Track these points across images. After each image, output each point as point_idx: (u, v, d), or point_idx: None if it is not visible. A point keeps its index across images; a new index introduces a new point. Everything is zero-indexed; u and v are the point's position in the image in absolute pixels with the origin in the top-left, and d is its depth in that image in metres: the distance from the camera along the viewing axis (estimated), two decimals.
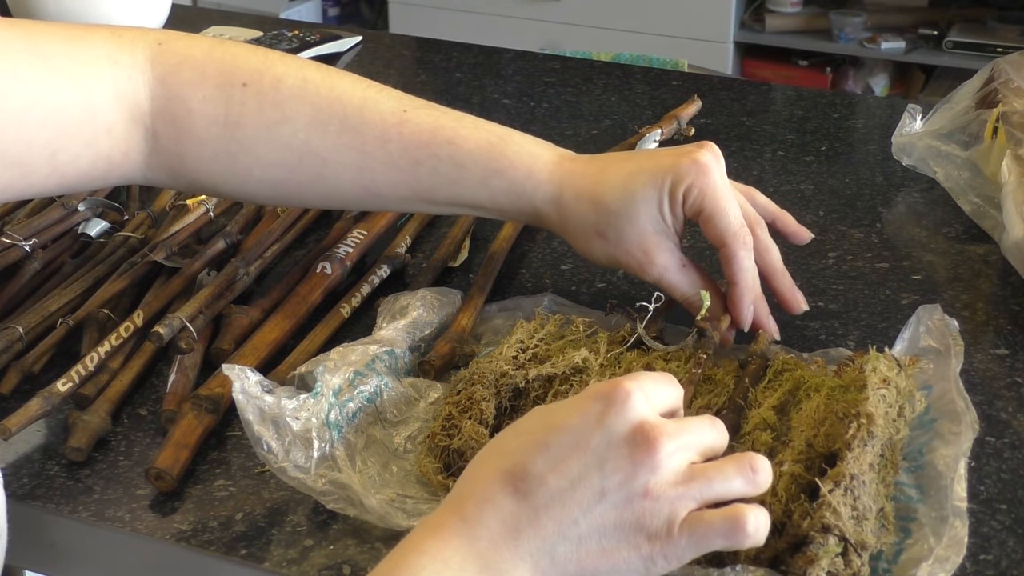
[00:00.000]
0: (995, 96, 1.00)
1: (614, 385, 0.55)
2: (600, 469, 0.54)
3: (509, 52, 1.42)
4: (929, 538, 0.60)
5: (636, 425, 0.54)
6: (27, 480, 0.70)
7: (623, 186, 0.75)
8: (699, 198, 0.74)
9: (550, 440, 0.55)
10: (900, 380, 0.68)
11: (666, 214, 0.75)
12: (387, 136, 0.76)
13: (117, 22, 1.29)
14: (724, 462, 0.56)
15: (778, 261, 0.79)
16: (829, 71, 2.87)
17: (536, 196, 0.77)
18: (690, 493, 0.55)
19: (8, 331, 0.78)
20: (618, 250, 0.76)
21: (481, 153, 0.77)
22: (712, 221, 0.74)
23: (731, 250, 0.75)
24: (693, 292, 0.76)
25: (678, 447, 0.55)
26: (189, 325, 0.77)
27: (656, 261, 0.76)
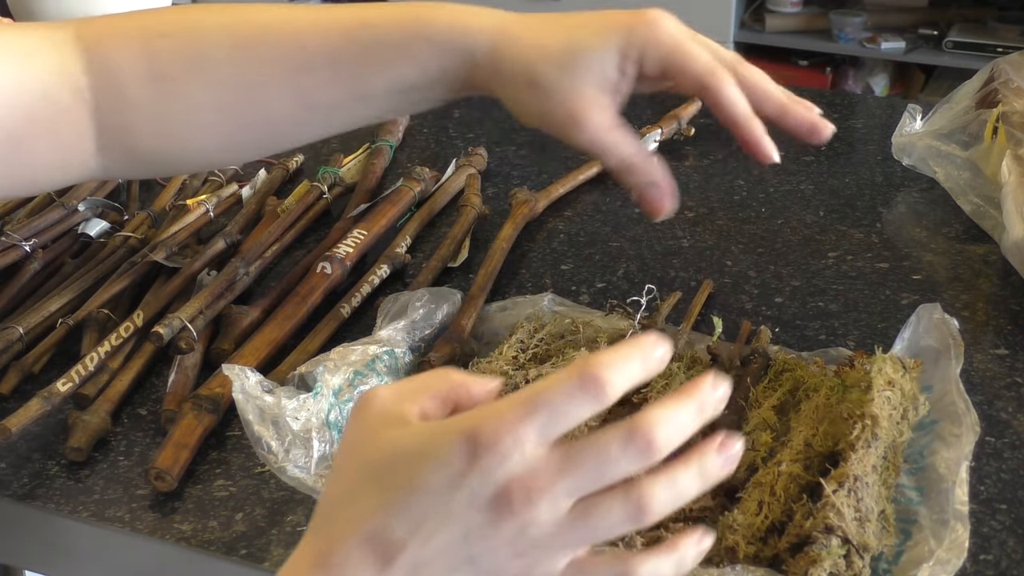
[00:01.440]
0: (995, 96, 1.00)
1: (478, 435, 0.47)
2: (465, 538, 0.48)
3: None
4: (930, 540, 0.60)
5: (502, 487, 0.47)
6: (27, 480, 0.70)
7: (567, 35, 0.69)
8: (660, 51, 0.68)
9: (411, 502, 0.48)
10: (905, 383, 0.68)
11: (610, 70, 0.68)
12: (305, 42, 0.73)
13: None
14: (611, 501, 0.49)
15: (766, 87, 0.70)
16: (829, 71, 2.87)
17: (467, 46, 0.71)
18: (569, 542, 0.49)
19: (8, 331, 0.78)
20: (550, 101, 0.69)
21: (406, 22, 0.72)
22: (683, 69, 0.68)
23: (714, 89, 0.68)
24: (630, 151, 0.69)
25: (554, 496, 0.48)
26: (189, 325, 0.77)
27: (590, 118, 0.68)
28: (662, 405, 0.50)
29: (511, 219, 0.94)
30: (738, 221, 0.99)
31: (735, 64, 0.70)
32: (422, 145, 1.15)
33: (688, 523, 0.63)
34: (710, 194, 1.05)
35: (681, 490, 0.49)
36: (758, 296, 0.88)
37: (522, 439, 0.48)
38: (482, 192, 1.01)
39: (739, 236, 0.97)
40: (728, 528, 0.61)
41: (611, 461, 0.48)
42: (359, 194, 0.99)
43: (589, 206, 1.03)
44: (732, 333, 0.80)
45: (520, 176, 1.08)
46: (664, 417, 0.49)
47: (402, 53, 0.72)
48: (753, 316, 0.84)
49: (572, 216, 1.01)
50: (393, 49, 0.72)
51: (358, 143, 1.12)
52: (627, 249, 0.95)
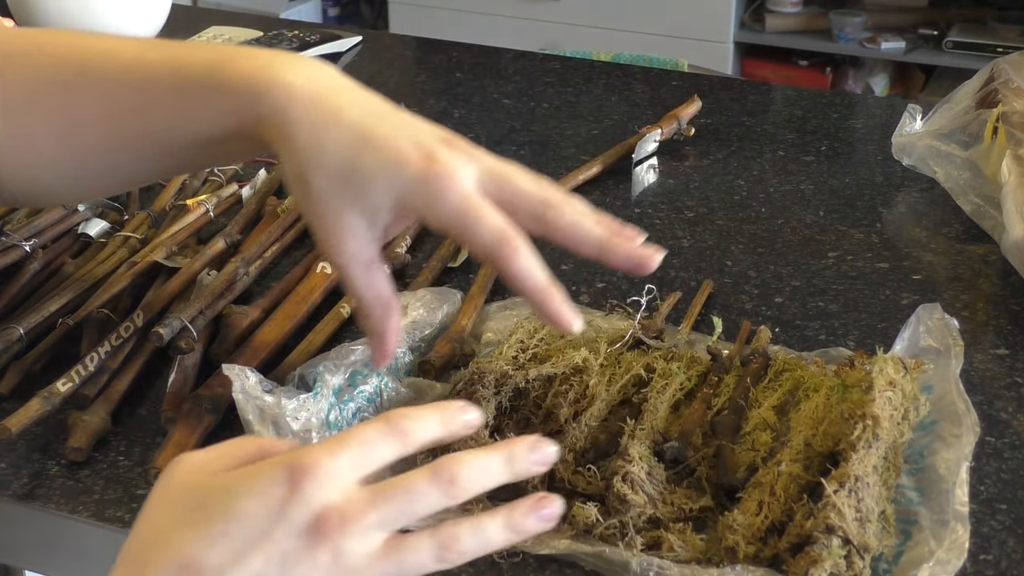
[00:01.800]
0: (995, 96, 1.00)
1: (298, 465, 0.50)
2: (282, 563, 0.49)
3: (509, 52, 1.42)
4: (930, 541, 0.60)
5: (318, 513, 0.50)
6: (27, 480, 0.70)
7: (352, 149, 0.62)
8: (444, 215, 0.61)
9: (230, 530, 0.49)
10: (906, 383, 0.68)
11: (383, 211, 0.63)
12: (123, 80, 0.69)
13: (116, 21, 1.29)
14: (419, 537, 0.52)
15: (579, 229, 0.64)
16: (829, 71, 2.87)
17: (260, 108, 0.65)
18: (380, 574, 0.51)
19: (8, 331, 0.78)
20: (312, 210, 0.64)
21: (207, 72, 0.67)
22: (467, 238, 0.62)
23: (502, 261, 0.61)
24: (370, 296, 0.65)
25: (366, 527, 0.51)
26: (189, 325, 0.77)
27: (345, 246, 0.63)
28: (472, 452, 0.54)
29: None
30: (738, 221, 0.99)
31: (543, 209, 0.63)
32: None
33: (688, 523, 0.63)
34: (710, 194, 1.05)
35: (487, 536, 0.53)
36: (758, 296, 0.88)
37: (337, 468, 0.51)
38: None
39: (739, 236, 0.97)
40: (728, 528, 0.61)
41: (418, 495, 0.52)
42: None
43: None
44: (732, 333, 0.80)
45: None
46: (470, 461, 0.53)
47: (206, 107, 0.67)
48: (753, 316, 0.84)
49: None
50: (197, 101, 0.67)
51: None
52: None
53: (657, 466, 0.65)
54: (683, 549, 0.61)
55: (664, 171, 1.10)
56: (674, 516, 0.63)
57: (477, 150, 0.64)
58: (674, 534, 0.62)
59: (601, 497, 0.64)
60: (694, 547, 0.61)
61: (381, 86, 1.30)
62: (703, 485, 0.65)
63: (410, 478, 0.52)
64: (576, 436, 0.67)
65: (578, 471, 0.65)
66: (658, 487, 0.64)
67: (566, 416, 0.69)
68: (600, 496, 0.64)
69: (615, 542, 0.61)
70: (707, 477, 0.65)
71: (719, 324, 0.78)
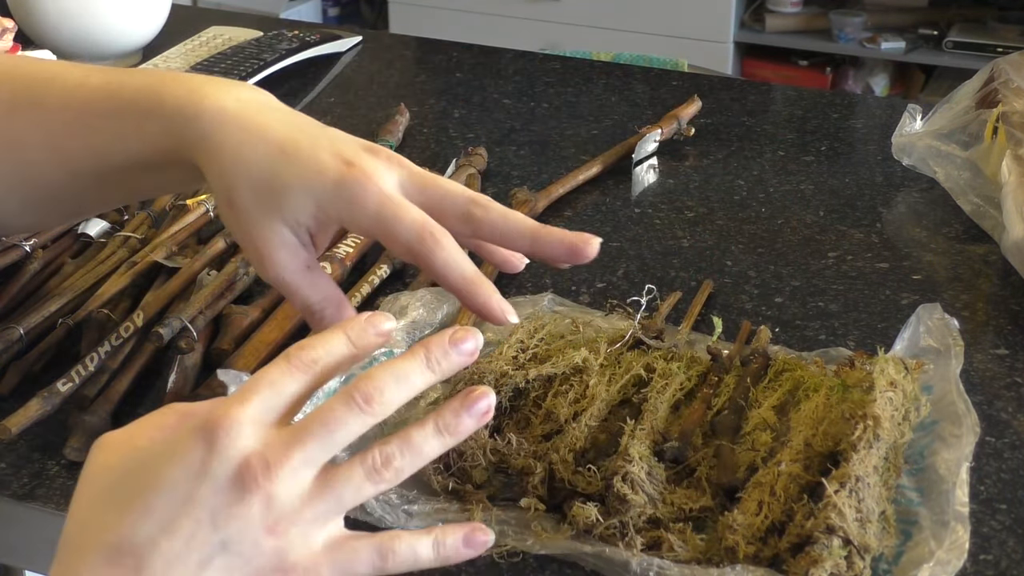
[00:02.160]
0: (995, 96, 1.00)
1: (210, 422, 0.50)
2: (213, 522, 0.49)
3: (509, 52, 1.42)
4: (930, 541, 0.60)
5: (240, 464, 0.49)
6: (27, 480, 0.70)
7: (271, 163, 0.63)
8: (363, 217, 0.62)
9: (155, 502, 0.49)
10: (907, 384, 0.68)
11: (305, 219, 0.63)
12: (64, 103, 0.70)
13: (116, 21, 1.29)
14: (349, 465, 0.52)
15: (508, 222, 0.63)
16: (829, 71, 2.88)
17: (189, 133, 0.65)
18: (319, 513, 0.51)
19: (8, 331, 0.78)
20: (239, 229, 0.64)
21: (140, 96, 0.67)
22: (387, 238, 0.62)
23: (423, 256, 0.61)
24: (317, 298, 0.65)
25: (293, 468, 0.50)
26: (189, 325, 0.77)
27: (276, 257, 0.63)
28: (383, 365, 0.53)
29: None
30: (738, 221, 0.99)
31: (468, 207, 0.63)
32: (422, 145, 1.15)
33: (688, 523, 0.63)
34: (710, 194, 1.05)
35: (417, 446, 0.53)
36: (758, 296, 0.88)
37: (250, 415, 0.50)
38: (482, 192, 1.01)
39: (739, 236, 0.97)
40: (728, 528, 0.61)
41: (337, 422, 0.51)
42: None
43: (589, 206, 1.03)
44: (732, 333, 0.80)
45: (520, 176, 1.08)
46: (383, 374, 0.53)
47: (137, 131, 0.67)
48: (753, 316, 0.84)
49: (572, 216, 1.01)
50: (130, 125, 0.68)
51: None
52: (627, 249, 0.95)
53: (657, 466, 0.65)
54: (683, 549, 0.61)
55: (664, 171, 1.10)
56: (674, 516, 0.63)
57: (401, 157, 0.64)
58: (674, 534, 0.62)
59: (601, 497, 0.64)
60: (694, 547, 0.61)
61: (381, 86, 1.31)
62: (703, 485, 0.65)
63: (325, 407, 0.52)
64: (576, 436, 0.67)
65: (578, 471, 0.65)
66: (658, 487, 0.64)
67: (566, 416, 0.69)
68: (600, 496, 0.64)
69: (615, 542, 0.62)
70: (707, 477, 0.65)
71: (719, 324, 0.78)
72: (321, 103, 1.25)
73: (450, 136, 1.17)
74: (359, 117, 1.20)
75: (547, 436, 0.69)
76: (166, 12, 1.35)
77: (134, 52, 1.33)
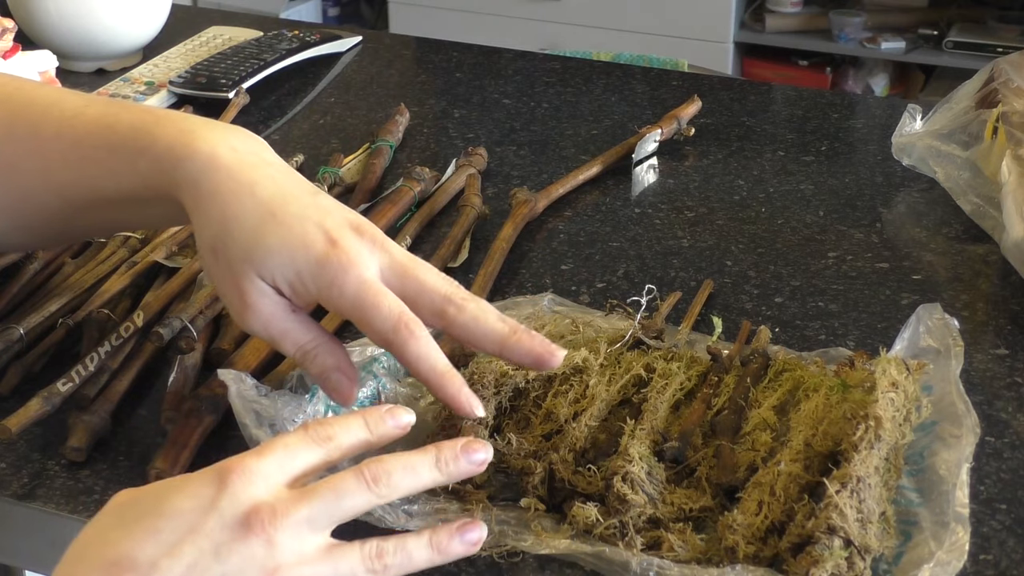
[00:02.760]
0: (995, 96, 1.00)
1: (228, 467, 0.54)
2: (216, 553, 0.51)
3: (509, 52, 1.41)
4: (930, 542, 0.60)
5: (249, 508, 0.52)
6: (27, 480, 0.70)
7: (258, 224, 0.64)
8: (341, 300, 0.63)
9: (161, 526, 0.52)
10: (908, 385, 0.68)
11: (284, 286, 0.64)
12: (61, 132, 0.71)
13: (116, 21, 1.29)
14: (351, 547, 0.55)
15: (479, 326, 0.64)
16: (829, 71, 2.88)
17: (178, 174, 0.66)
18: (314, 572, 0.53)
19: (8, 331, 0.78)
20: (221, 277, 0.65)
21: (134, 132, 0.68)
22: (364, 324, 0.63)
23: (397, 347, 0.63)
24: (308, 337, 0.66)
25: (298, 522, 0.53)
26: (189, 325, 0.77)
27: (261, 307, 0.64)
28: (401, 453, 0.57)
29: (511, 219, 0.94)
30: (738, 221, 0.99)
31: (443, 306, 0.64)
32: (422, 145, 1.15)
33: (688, 523, 0.63)
34: (710, 194, 1.05)
35: (411, 556, 0.56)
36: (758, 296, 0.88)
37: (264, 469, 0.54)
38: (482, 192, 1.01)
39: (739, 236, 0.97)
40: (728, 528, 0.61)
41: (344, 493, 0.55)
42: (359, 194, 0.99)
43: (589, 206, 1.03)
44: (732, 333, 0.80)
45: (520, 176, 1.08)
46: (395, 461, 0.56)
47: (131, 168, 0.69)
48: (753, 316, 0.84)
49: (572, 216, 1.01)
50: (124, 160, 0.69)
51: (358, 143, 1.12)
52: (627, 249, 0.95)
53: (657, 466, 0.65)
54: (683, 549, 0.61)
55: (664, 171, 1.10)
56: (674, 516, 0.63)
57: (386, 240, 0.65)
58: (674, 534, 0.62)
59: (601, 497, 0.64)
60: (694, 547, 0.61)
61: (381, 86, 1.31)
62: (703, 485, 0.65)
63: (337, 477, 0.55)
64: (576, 436, 0.67)
65: (578, 471, 0.65)
66: (658, 487, 0.64)
67: (566, 416, 0.69)
68: (600, 496, 0.64)
69: (615, 542, 0.62)
70: (707, 477, 0.65)
71: (719, 324, 0.78)
72: (321, 103, 1.25)
73: (450, 136, 1.17)
74: (359, 117, 1.21)
75: (547, 436, 0.69)
76: (166, 12, 1.35)
77: (134, 52, 1.33)
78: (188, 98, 1.20)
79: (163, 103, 1.20)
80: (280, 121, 1.20)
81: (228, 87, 1.19)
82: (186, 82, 1.21)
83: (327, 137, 1.16)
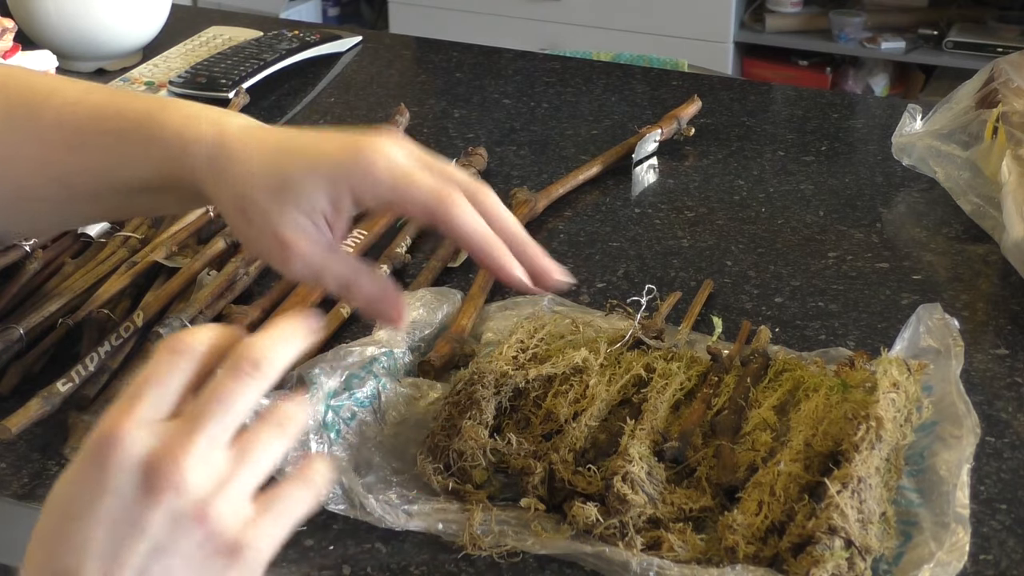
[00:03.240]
0: (995, 96, 1.00)
1: (99, 440, 0.48)
2: (135, 531, 0.47)
3: (509, 52, 1.41)
4: (930, 543, 0.60)
5: (143, 468, 0.47)
6: (27, 480, 0.70)
7: (277, 162, 0.65)
8: (377, 188, 0.63)
9: (69, 532, 0.48)
10: (909, 385, 0.68)
11: (321, 203, 0.64)
12: (62, 119, 0.71)
13: (116, 21, 1.29)
14: (256, 430, 0.50)
15: (505, 221, 0.65)
16: (829, 71, 2.87)
17: (188, 158, 0.67)
18: (240, 483, 0.49)
19: (8, 331, 0.78)
20: (258, 229, 0.65)
21: (141, 120, 0.69)
22: (405, 202, 0.63)
23: (443, 213, 0.63)
24: (350, 270, 0.65)
25: (197, 451, 0.48)
26: (189, 325, 0.77)
27: (299, 247, 0.64)
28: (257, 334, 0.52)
29: None
30: (738, 221, 0.99)
31: (470, 188, 0.65)
32: (422, 145, 1.15)
33: (688, 523, 0.63)
34: (710, 194, 1.05)
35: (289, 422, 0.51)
36: (758, 296, 0.88)
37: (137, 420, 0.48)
38: None
39: (739, 236, 0.97)
40: (728, 528, 0.61)
41: (232, 395, 0.49)
42: None
43: (589, 206, 1.03)
44: (732, 333, 0.80)
45: (520, 176, 1.08)
46: (264, 338, 0.51)
47: (144, 155, 0.69)
48: (753, 316, 0.84)
49: (572, 216, 1.01)
50: (135, 148, 0.69)
51: None
52: (627, 249, 0.95)
53: (657, 466, 0.65)
54: (683, 549, 0.61)
55: (664, 171, 1.10)
56: (674, 516, 0.63)
57: (401, 136, 0.67)
58: (674, 534, 0.62)
59: (601, 497, 0.64)
60: (694, 547, 0.61)
61: (381, 86, 1.31)
62: (703, 485, 0.65)
63: (216, 384, 0.50)
64: (576, 436, 0.67)
65: (578, 471, 0.65)
66: (658, 487, 0.64)
67: (566, 416, 0.69)
68: (600, 496, 0.64)
69: (615, 542, 0.62)
70: (707, 477, 0.65)
71: (719, 324, 0.78)
72: (321, 103, 1.25)
73: (450, 136, 1.17)
74: (359, 117, 1.20)
75: (547, 436, 0.69)
76: (166, 12, 1.35)
77: (134, 52, 1.33)
78: (188, 98, 1.20)
79: None
80: (280, 121, 1.20)
81: (228, 87, 1.19)
82: (186, 82, 1.21)
83: None
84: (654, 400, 0.70)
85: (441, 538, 0.64)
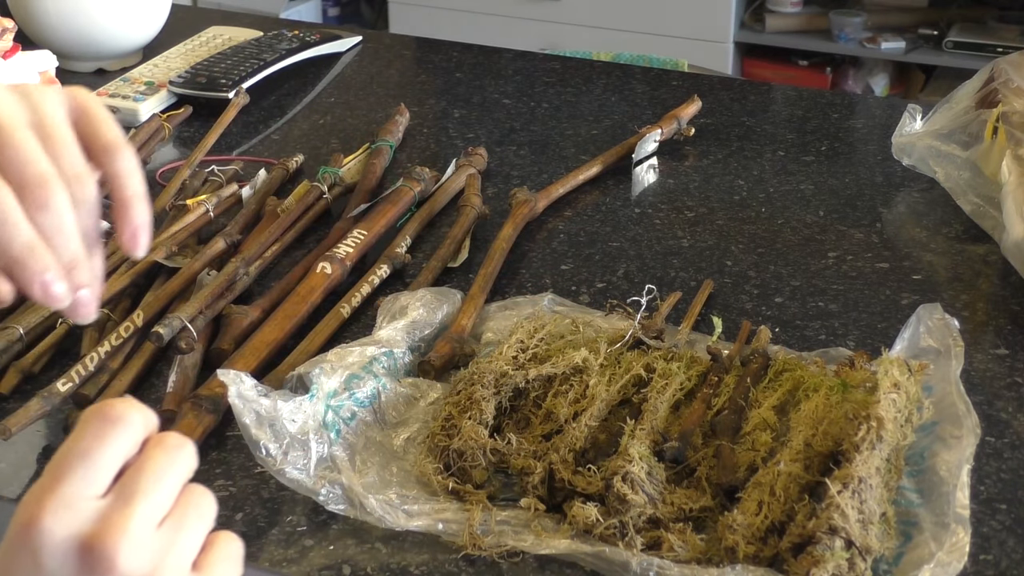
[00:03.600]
0: (995, 96, 1.00)
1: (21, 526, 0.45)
2: None
3: (509, 52, 1.41)
4: (930, 543, 0.60)
5: (75, 554, 0.45)
6: (27, 480, 0.70)
7: None
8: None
9: None
10: (910, 386, 0.68)
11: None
12: None
13: (116, 21, 1.29)
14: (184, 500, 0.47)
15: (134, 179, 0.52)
16: (829, 71, 2.87)
17: None
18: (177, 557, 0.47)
19: (8, 331, 0.78)
20: None
21: None
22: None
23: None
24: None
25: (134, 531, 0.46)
26: (189, 325, 0.77)
27: None
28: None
29: (511, 219, 0.94)
30: (738, 221, 0.99)
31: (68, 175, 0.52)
32: (422, 145, 1.15)
33: (688, 523, 0.63)
34: (710, 194, 1.05)
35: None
36: (758, 296, 0.88)
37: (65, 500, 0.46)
38: (482, 192, 1.01)
39: (739, 236, 0.97)
40: (728, 528, 0.61)
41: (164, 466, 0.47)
42: (359, 194, 0.99)
43: (589, 206, 1.03)
44: (732, 333, 0.80)
45: (520, 176, 1.08)
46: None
47: None
48: (753, 316, 0.84)
49: (572, 216, 1.01)
50: None
51: (358, 143, 1.12)
52: (627, 249, 0.95)
53: (657, 466, 0.65)
54: (683, 549, 0.61)
55: (664, 171, 1.10)
56: (674, 516, 0.63)
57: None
58: (674, 534, 0.62)
59: (601, 497, 0.64)
60: (694, 547, 0.61)
61: (381, 86, 1.31)
62: (703, 485, 0.65)
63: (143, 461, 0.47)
64: (576, 436, 0.67)
65: (578, 471, 0.65)
66: (658, 487, 0.64)
67: (566, 416, 0.69)
68: (600, 496, 0.64)
69: (615, 542, 0.62)
70: (707, 477, 0.65)
71: (719, 324, 0.78)
72: (321, 103, 1.25)
73: (450, 136, 1.17)
74: (359, 117, 1.20)
75: (547, 436, 0.69)
76: (166, 12, 1.35)
77: (134, 52, 1.33)
78: (188, 98, 1.20)
79: (163, 103, 1.20)
80: (280, 121, 1.20)
81: (228, 87, 1.19)
82: (186, 82, 1.21)
83: (327, 137, 1.16)
84: (654, 400, 0.70)
85: (441, 538, 0.64)
